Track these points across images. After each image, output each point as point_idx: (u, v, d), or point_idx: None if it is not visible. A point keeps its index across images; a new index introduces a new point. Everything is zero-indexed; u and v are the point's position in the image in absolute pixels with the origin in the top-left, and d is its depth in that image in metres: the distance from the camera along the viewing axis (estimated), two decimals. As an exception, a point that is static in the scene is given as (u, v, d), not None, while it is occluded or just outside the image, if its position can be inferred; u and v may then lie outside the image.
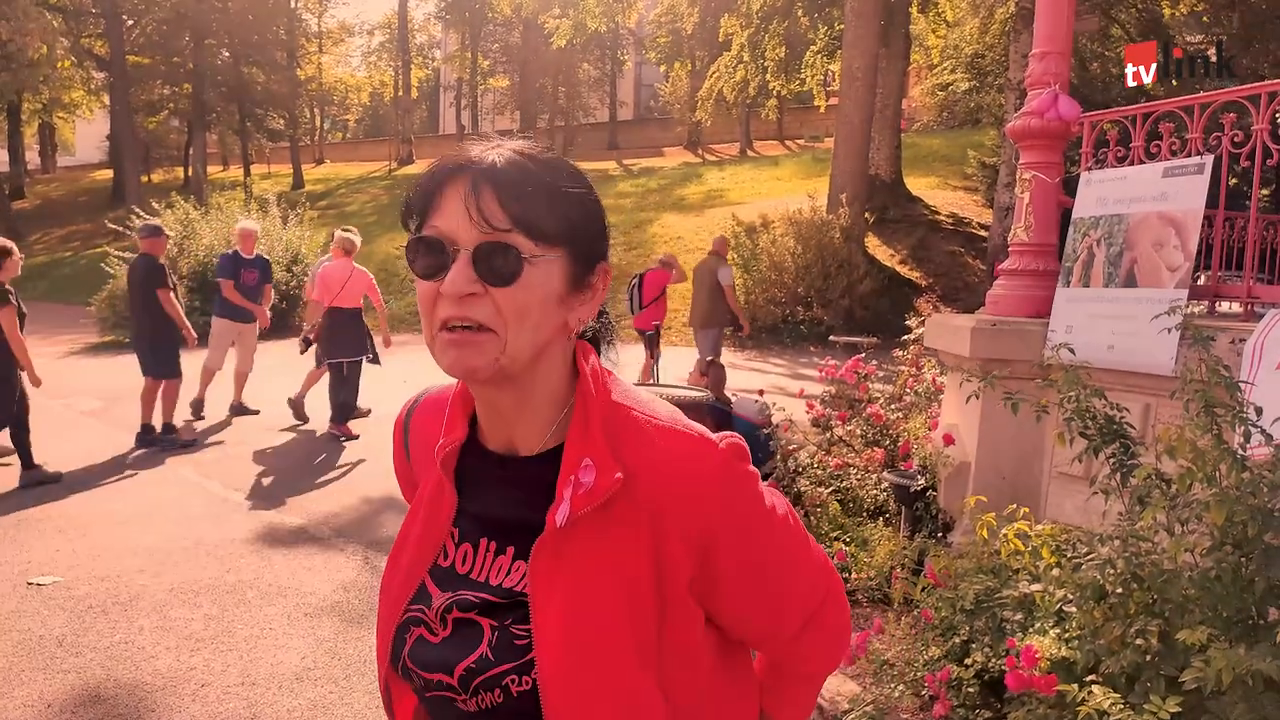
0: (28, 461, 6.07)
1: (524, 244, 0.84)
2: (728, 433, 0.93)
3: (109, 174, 36.55)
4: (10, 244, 6.26)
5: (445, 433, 0.97)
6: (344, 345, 7.65)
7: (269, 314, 8.47)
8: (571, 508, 0.86)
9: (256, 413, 8.36)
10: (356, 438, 7.53)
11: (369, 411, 8.35)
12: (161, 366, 7.17)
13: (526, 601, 0.88)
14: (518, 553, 0.92)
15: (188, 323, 7.22)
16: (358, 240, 7.91)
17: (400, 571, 0.98)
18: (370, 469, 6.67)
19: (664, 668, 0.89)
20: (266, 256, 8.79)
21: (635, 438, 0.89)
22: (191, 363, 7.68)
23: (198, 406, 8.13)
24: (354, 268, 7.74)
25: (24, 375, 6.09)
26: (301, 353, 7.84)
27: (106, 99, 34.35)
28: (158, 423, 7.24)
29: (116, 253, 15.23)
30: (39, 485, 5.99)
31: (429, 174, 0.89)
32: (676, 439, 0.90)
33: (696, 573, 0.90)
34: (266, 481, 6.35)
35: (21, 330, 6.06)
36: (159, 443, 7.16)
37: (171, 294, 7.14)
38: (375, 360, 7.83)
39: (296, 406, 8.14)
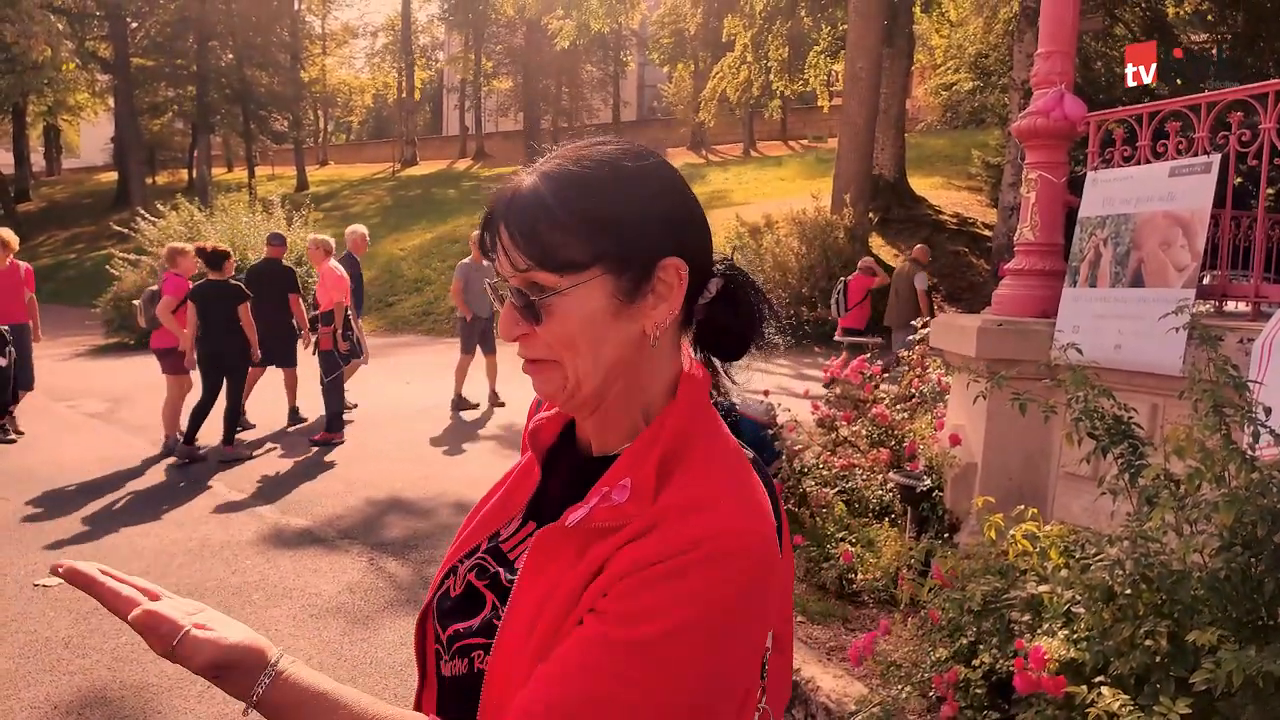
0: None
1: (547, 279, 0.82)
2: (758, 527, 0.81)
3: (114, 176, 36.65)
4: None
5: (545, 407, 0.99)
6: (350, 347, 7.70)
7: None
8: (588, 516, 0.82)
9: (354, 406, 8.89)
10: (344, 441, 7.55)
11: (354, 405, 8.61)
12: (291, 357, 8.06)
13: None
14: None
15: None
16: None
17: (470, 524, 1.00)
18: (374, 471, 6.67)
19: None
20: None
21: (680, 483, 0.82)
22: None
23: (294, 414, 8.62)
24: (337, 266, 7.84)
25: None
26: (328, 375, 7.70)
27: (111, 101, 34.46)
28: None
29: (121, 254, 15.28)
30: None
31: (485, 213, 0.89)
32: (705, 505, 0.80)
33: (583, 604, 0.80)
34: (272, 484, 6.36)
35: None
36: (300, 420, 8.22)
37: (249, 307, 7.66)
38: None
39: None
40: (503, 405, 9.11)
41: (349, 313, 7.72)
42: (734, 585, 0.76)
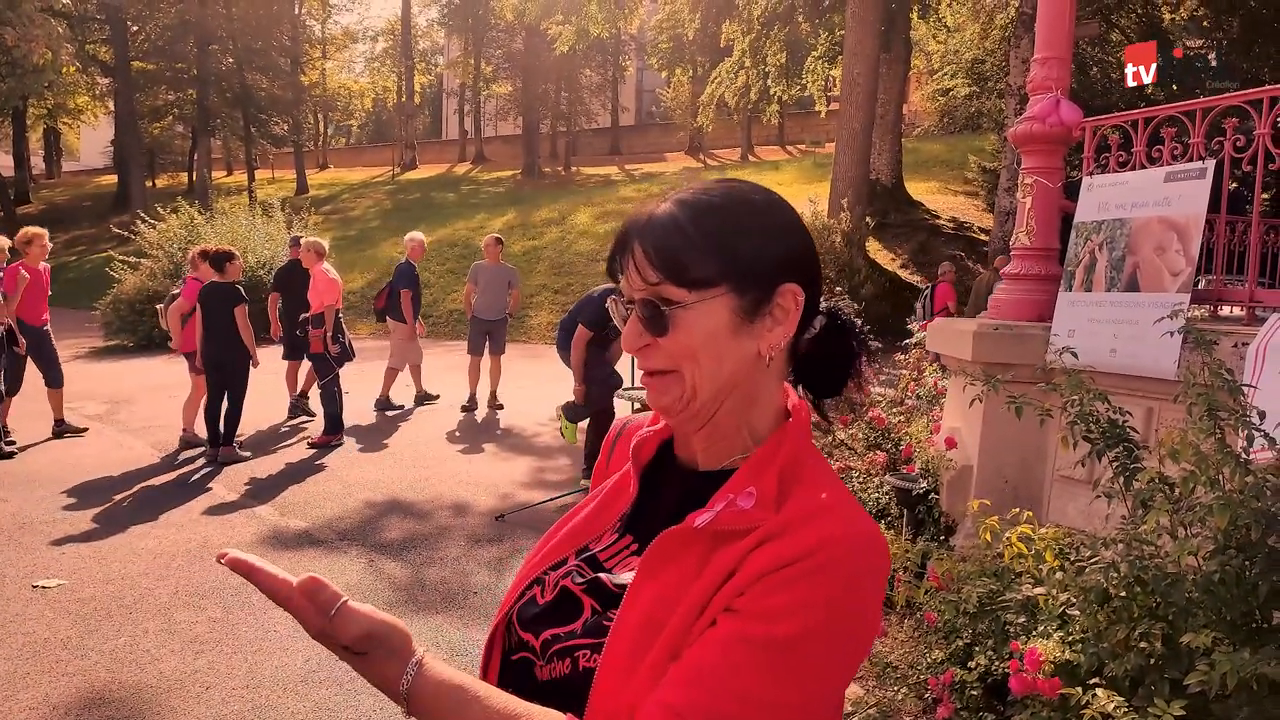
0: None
1: (675, 293, 0.89)
2: (884, 539, 0.89)
3: (113, 179, 36.64)
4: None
5: (651, 422, 1.03)
6: (343, 348, 7.72)
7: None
8: (716, 519, 0.86)
9: (437, 397, 9.33)
10: (343, 443, 7.57)
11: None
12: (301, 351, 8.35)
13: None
14: None
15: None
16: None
17: (554, 540, 1.02)
18: (373, 474, 6.68)
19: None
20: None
21: (800, 495, 0.88)
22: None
23: (383, 403, 9.01)
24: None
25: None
26: (323, 377, 7.74)
27: (111, 105, 34.46)
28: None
29: (121, 258, 15.27)
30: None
31: (617, 236, 0.95)
32: (831, 511, 0.86)
33: (708, 616, 0.83)
34: (270, 485, 6.36)
35: None
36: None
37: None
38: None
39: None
40: (501, 408, 9.13)
41: (339, 315, 7.75)
42: (864, 582, 0.83)
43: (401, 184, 33.52)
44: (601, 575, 0.93)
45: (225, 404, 6.95)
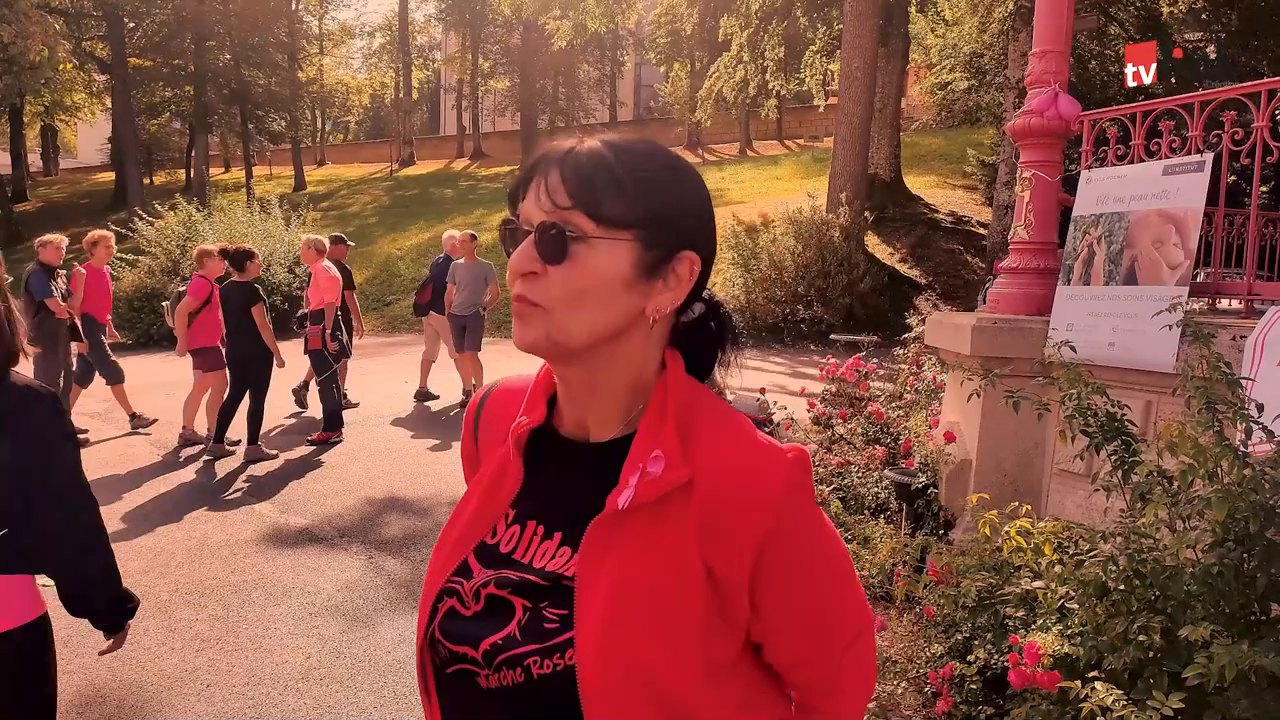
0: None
1: (584, 224, 0.86)
2: (795, 445, 0.94)
3: (111, 176, 36.56)
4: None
5: (524, 412, 0.99)
6: (340, 345, 7.73)
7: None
8: (635, 495, 0.87)
9: (437, 396, 9.28)
10: (342, 439, 7.57)
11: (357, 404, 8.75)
12: (345, 348, 8.31)
13: (566, 586, 0.89)
14: (565, 538, 0.93)
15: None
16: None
17: (448, 545, 0.99)
18: (372, 470, 6.68)
19: (704, 676, 0.88)
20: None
21: (706, 439, 0.90)
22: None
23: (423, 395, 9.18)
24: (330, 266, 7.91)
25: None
26: (321, 374, 7.76)
27: (108, 101, 34.33)
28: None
29: (119, 255, 15.24)
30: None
31: (526, 163, 0.92)
32: (749, 447, 0.90)
33: (754, 580, 0.89)
34: (270, 482, 6.36)
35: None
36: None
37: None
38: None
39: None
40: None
41: (338, 313, 7.76)
42: (811, 492, 0.93)
43: (399, 180, 33.48)
44: (527, 575, 0.92)
45: (248, 402, 6.96)
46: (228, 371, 7.06)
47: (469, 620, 0.93)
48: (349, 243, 9.32)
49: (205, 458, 6.95)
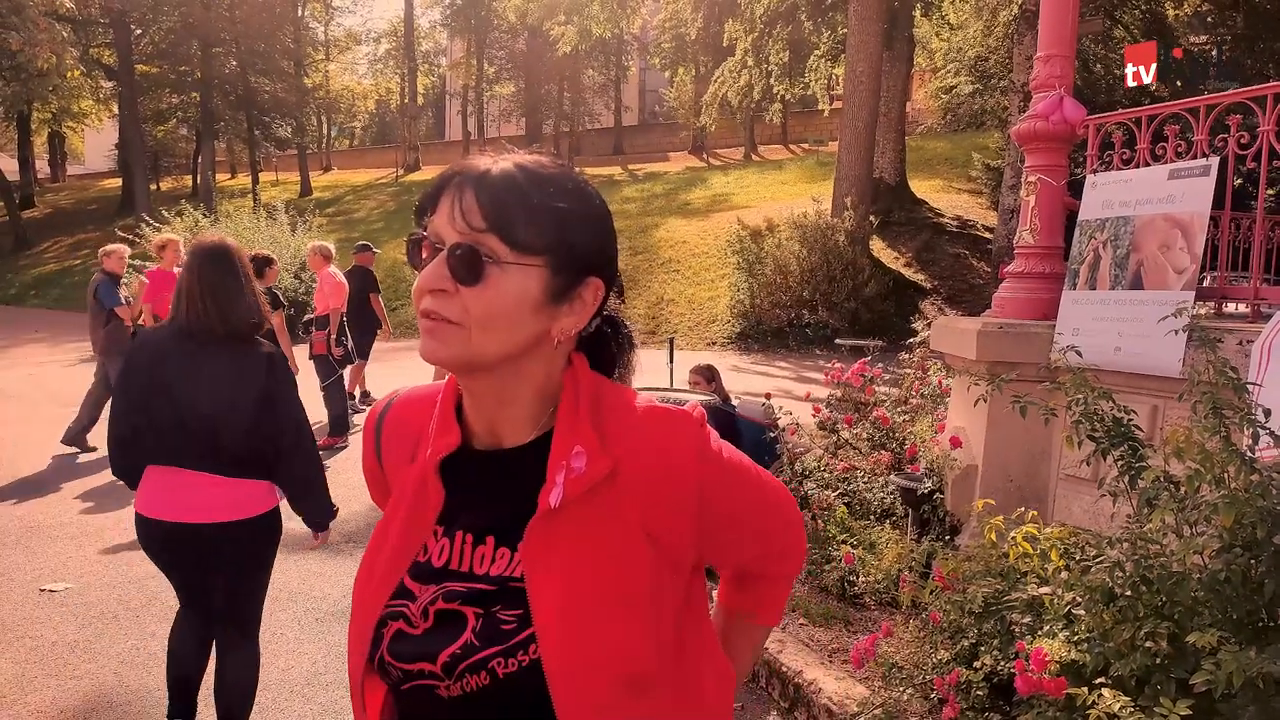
0: None
1: (498, 248, 0.89)
2: (691, 402, 1.01)
3: (118, 182, 36.72)
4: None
5: (437, 436, 1.00)
6: (345, 350, 7.76)
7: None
8: (565, 491, 0.91)
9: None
10: (348, 445, 7.59)
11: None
12: (366, 351, 8.97)
13: (515, 587, 0.92)
14: (500, 541, 0.95)
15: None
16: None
17: (377, 571, 1.00)
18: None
19: (658, 638, 0.94)
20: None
21: (619, 425, 0.96)
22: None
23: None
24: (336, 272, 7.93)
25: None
26: (326, 380, 7.80)
27: (115, 108, 34.55)
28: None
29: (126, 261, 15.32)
30: None
31: (436, 178, 0.96)
32: (656, 418, 0.97)
33: (700, 527, 0.97)
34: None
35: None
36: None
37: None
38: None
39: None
40: None
41: (343, 318, 7.79)
42: (718, 442, 1.01)
43: (405, 185, 33.56)
44: (473, 584, 0.94)
45: None
46: None
47: (420, 638, 0.94)
48: (374, 250, 9.51)
49: None
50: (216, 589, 2.77)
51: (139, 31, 32.84)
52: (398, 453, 1.06)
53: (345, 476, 6.66)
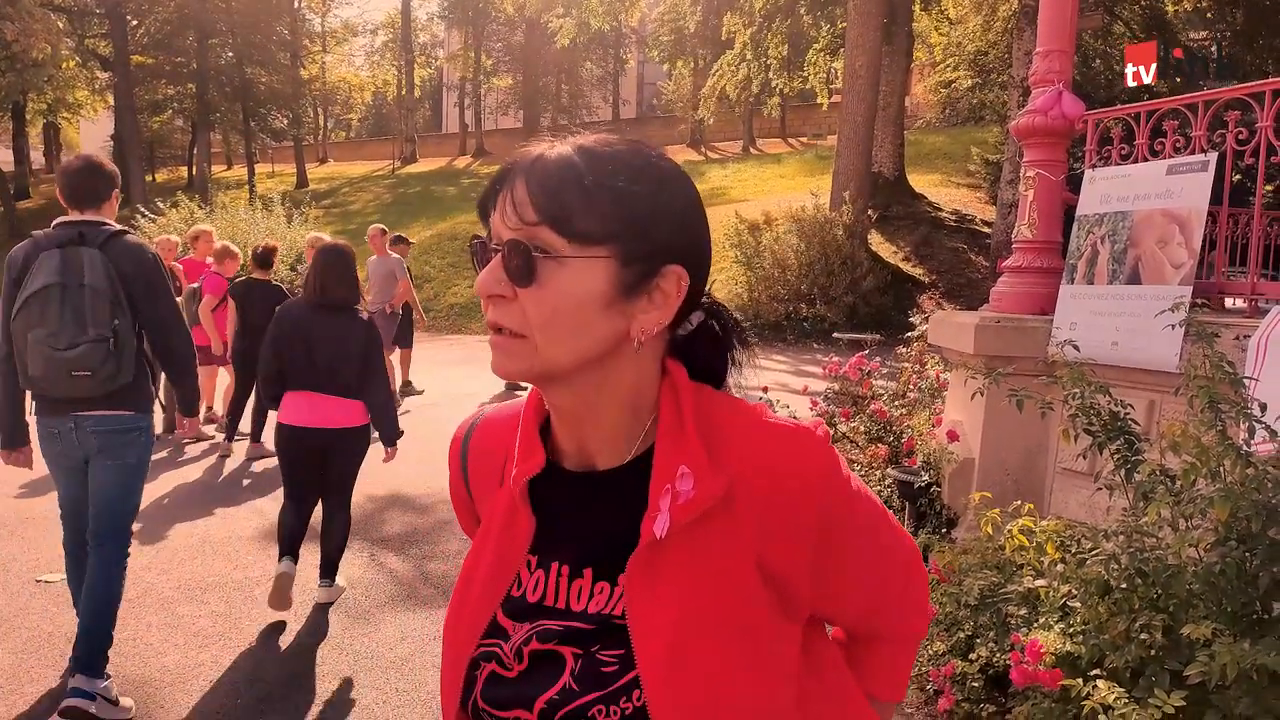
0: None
1: (554, 241, 0.78)
2: (815, 419, 0.91)
3: (113, 173, 36.57)
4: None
5: (520, 460, 0.90)
6: None
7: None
8: (672, 519, 0.81)
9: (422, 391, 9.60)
10: None
11: None
12: (407, 338, 9.39)
13: (617, 625, 0.83)
14: (599, 574, 0.86)
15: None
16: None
17: (469, 606, 0.92)
18: (374, 468, 6.67)
19: (779, 679, 0.85)
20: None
21: (731, 440, 0.84)
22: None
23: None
24: None
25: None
26: None
27: (110, 99, 34.37)
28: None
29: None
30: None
31: (497, 171, 0.85)
32: (776, 435, 0.85)
33: (815, 564, 0.85)
34: (272, 479, 6.37)
35: None
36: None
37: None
38: None
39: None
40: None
41: None
42: (844, 465, 0.90)
43: (402, 178, 33.50)
44: (570, 622, 0.85)
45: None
46: (234, 368, 7.08)
47: (515, 682, 0.86)
48: (409, 240, 9.62)
49: (207, 456, 6.96)
50: (320, 479, 4.10)
51: (134, 22, 32.67)
52: (485, 478, 0.97)
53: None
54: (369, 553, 4.90)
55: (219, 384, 7.79)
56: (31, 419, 3.23)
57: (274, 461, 6.85)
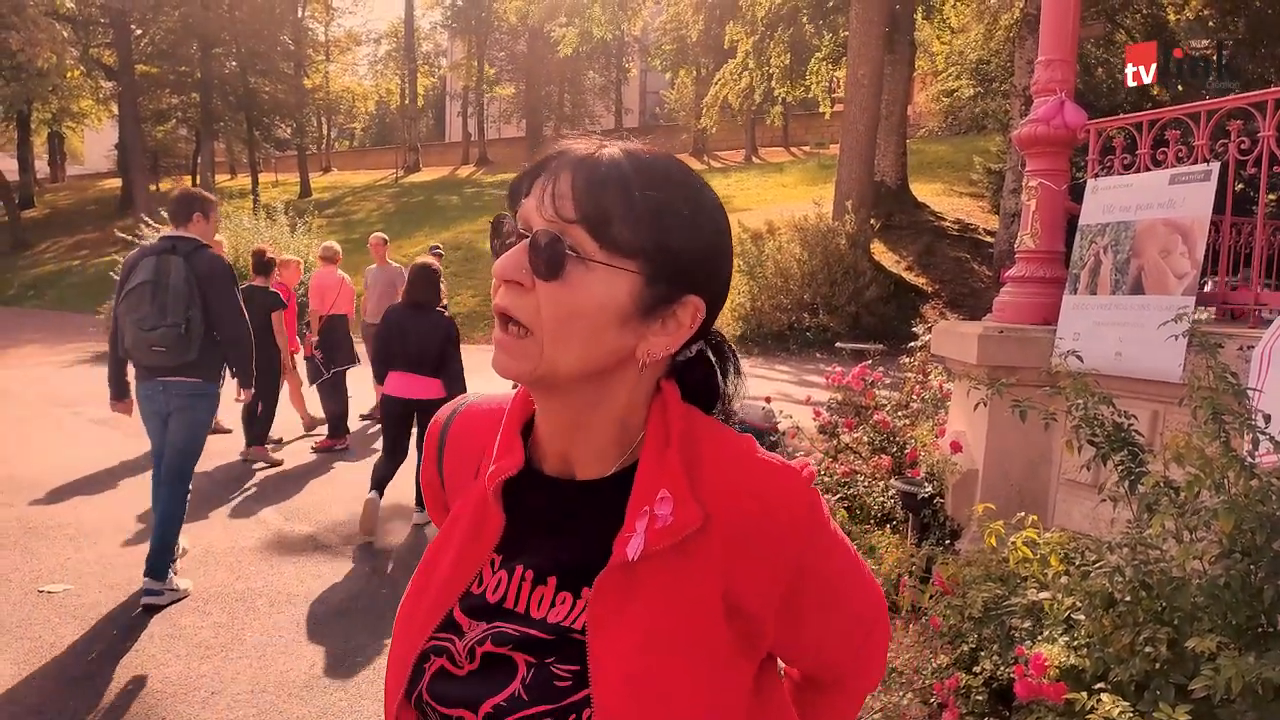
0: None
1: (586, 243, 0.78)
2: (802, 460, 0.88)
3: (117, 183, 36.75)
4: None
5: (499, 457, 0.89)
6: (343, 353, 7.73)
7: None
8: (646, 542, 0.80)
9: None
10: (349, 447, 7.58)
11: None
12: None
13: (576, 640, 0.81)
14: (562, 584, 0.84)
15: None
16: (339, 248, 8.34)
17: (426, 597, 0.90)
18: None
19: (728, 710, 0.83)
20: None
21: (714, 470, 0.83)
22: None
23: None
24: (341, 276, 7.93)
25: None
26: (313, 381, 7.82)
27: (115, 108, 34.57)
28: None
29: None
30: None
31: (538, 158, 0.84)
32: (761, 471, 0.84)
33: (784, 605, 0.85)
34: (275, 490, 6.37)
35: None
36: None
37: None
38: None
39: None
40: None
41: (336, 323, 7.83)
42: (826, 510, 0.88)
43: (405, 187, 33.59)
44: (527, 629, 0.84)
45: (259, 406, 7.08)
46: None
47: (463, 681, 0.85)
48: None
49: (243, 460, 7.05)
50: (408, 437, 5.30)
51: (139, 31, 32.87)
52: (460, 469, 0.96)
53: (344, 478, 6.67)
54: (371, 564, 4.89)
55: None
56: (133, 384, 4.30)
57: (276, 470, 6.87)
